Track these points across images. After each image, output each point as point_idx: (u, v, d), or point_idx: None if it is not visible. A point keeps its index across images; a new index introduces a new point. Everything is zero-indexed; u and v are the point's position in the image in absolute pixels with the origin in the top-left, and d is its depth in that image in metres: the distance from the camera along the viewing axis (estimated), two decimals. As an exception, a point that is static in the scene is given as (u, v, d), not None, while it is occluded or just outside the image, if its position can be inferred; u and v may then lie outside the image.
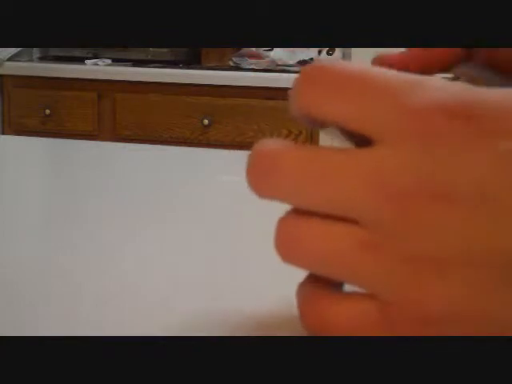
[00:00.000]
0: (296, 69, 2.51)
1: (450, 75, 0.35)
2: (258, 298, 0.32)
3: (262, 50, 2.56)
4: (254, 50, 2.55)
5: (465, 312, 0.23)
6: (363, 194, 0.24)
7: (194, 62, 2.69)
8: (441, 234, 0.23)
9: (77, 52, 2.72)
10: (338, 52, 2.59)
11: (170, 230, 0.45)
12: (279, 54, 2.56)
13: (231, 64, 2.57)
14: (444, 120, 0.23)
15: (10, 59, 2.70)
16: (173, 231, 0.45)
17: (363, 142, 0.25)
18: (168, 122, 2.53)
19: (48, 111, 2.63)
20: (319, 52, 2.58)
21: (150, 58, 2.67)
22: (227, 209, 0.51)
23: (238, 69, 2.53)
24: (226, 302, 0.32)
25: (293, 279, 0.31)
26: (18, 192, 0.55)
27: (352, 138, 0.27)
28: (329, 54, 2.58)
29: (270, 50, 2.56)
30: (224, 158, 0.78)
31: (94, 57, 2.70)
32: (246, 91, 2.44)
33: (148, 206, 0.52)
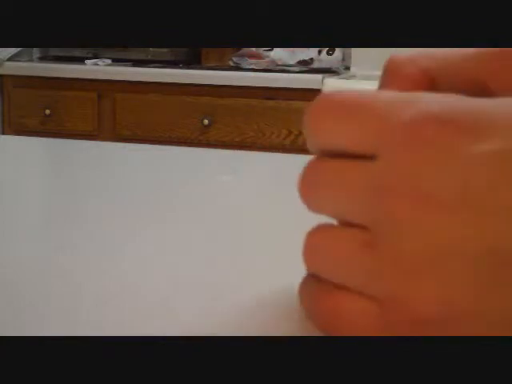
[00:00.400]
0: (296, 69, 2.51)
1: None
2: (258, 297, 0.32)
3: (261, 50, 2.56)
4: (253, 50, 2.55)
5: (460, 311, 0.23)
6: (362, 199, 0.26)
7: (194, 62, 2.69)
8: (427, 234, 0.23)
9: (77, 52, 2.72)
10: (338, 52, 2.59)
11: (170, 230, 0.45)
12: (279, 54, 2.56)
13: (231, 64, 2.57)
14: (433, 128, 0.24)
15: (10, 59, 2.70)
16: (173, 231, 0.45)
17: None
18: (168, 121, 2.53)
19: (48, 111, 2.63)
20: (319, 52, 2.58)
21: (150, 57, 2.67)
22: (227, 209, 0.51)
23: (238, 69, 2.53)
24: (225, 302, 0.32)
25: (293, 279, 0.31)
26: (17, 192, 0.55)
27: None
28: (329, 53, 2.58)
29: (270, 50, 2.56)
30: (224, 158, 0.78)
31: (94, 57, 2.70)
32: (246, 91, 2.44)
33: (148, 205, 0.52)
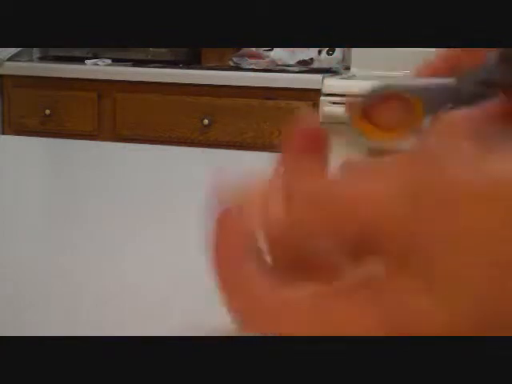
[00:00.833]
0: (296, 69, 2.51)
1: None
2: (258, 297, 0.32)
3: (261, 50, 2.56)
4: (254, 50, 2.55)
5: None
6: None
7: (194, 62, 2.69)
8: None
9: (77, 52, 2.72)
10: (338, 52, 2.59)
11: (170, 230, 0.45)
12: (279, 54, 2.56)
13: (231, 64, 2.57)
14: None
15: (10, 59, 2.70)
16: (173, 231, 0.45)
17: None
18: (168, 122, 2.53)
19: (48, 111, 2.63)
20: (319, 52, 2.58)
21: (150, 58, 2.67)
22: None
23: (238, 69, 2.53)
24: (226, 302, 0.32)
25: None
26: (18, 192, 0.55)
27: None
28: (329, 53, 2.58)
29: (270, 50, 2.56)
30: (224, 158, 0.78)
31: (94, 57, 2.70)
32: (246, 91, 2.43)
33: (148, 205, 0.52)
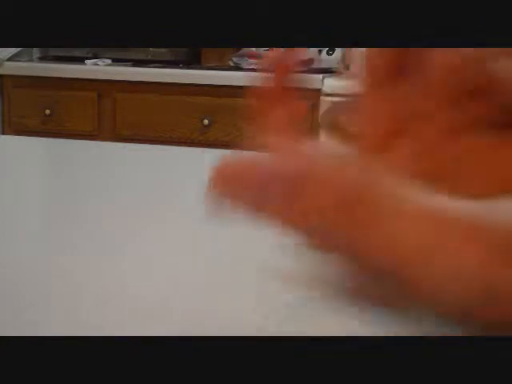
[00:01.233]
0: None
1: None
2: (258, 298, 0.32)
3: (262, 50, 2.56)
4: (254, 50, 2.55)
5: None
6: None
7: (194, 62, 2.69)
8: None
9: (77, 52, 2.72)
10: (338, 52, 2.59)
11: (170, 230, 0.45)
12: (279, 54, 2.56)
13: (231, 64, 2.57)
14: None
15: (9, 59, 2.69)
16: (173, 231, 0.45)
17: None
18: (168, 122, 2.53)
19: (48, 111, 2.63)
20: (319, 52, 2.58)
21: (150, 58, 2.67)
22: (227, 209, 0.51)
23: (238, 69, 2.53)
24: (226, 302, 0.32)
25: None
26: (18, 192, 0.55)
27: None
28: (329, 53, 2.58)
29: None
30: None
31: (94, 57, 2.70)
32: (245, 91, 2.43)
33: (148, 206, 0.52)
